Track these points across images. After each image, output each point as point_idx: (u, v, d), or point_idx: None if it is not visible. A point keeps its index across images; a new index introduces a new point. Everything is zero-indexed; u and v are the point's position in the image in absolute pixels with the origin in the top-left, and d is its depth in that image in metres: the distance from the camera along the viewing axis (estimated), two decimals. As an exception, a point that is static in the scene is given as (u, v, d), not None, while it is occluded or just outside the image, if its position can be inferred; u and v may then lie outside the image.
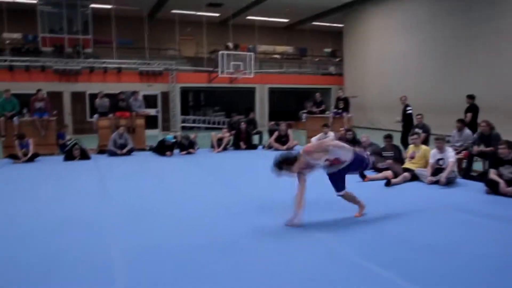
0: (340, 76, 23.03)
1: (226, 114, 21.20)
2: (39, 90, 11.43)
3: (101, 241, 4.10)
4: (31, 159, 9.66)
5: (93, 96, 17.24)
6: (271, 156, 4.74)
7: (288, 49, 25.49)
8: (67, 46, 18.75)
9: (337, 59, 25.25)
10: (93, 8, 19.28)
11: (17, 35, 19.78)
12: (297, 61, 24.97)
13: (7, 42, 19.07)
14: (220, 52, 18.73)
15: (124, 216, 5.05)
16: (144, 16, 21.11)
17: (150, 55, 20.44)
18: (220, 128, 18.69)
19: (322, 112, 13.29)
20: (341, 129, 10.62)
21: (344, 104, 12.72)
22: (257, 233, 4.29)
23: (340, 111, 12.59)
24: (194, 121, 20.40)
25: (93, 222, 4.79)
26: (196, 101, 23.70)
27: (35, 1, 18.50)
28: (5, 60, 17.20)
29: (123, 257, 3.67)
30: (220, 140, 11.45)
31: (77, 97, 18.24)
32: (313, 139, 10.41)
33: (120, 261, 3.59)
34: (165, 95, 19.63)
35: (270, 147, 11.52)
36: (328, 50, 26.47)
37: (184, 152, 10.65)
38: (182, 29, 21.82)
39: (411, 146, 7.42)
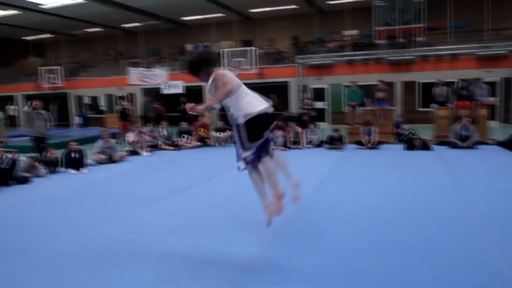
0: None
1: None
2: (380, 81, 11.95)
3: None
4: (375, 146, 10.19)
5: (425, 85, 16.93)
6: None
7: None
8: (400, 37, 19.04)
9: None
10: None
11: (354, 32, 21.66)
12: None
13: (346, 39, 21.10)
14: None
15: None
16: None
17: (490, 37, 18.19)
18: None
19: None
20: None
21: None
22: None
23: None
24: (542, 111, 16.96)
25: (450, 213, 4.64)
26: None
27: (371, -2, 19.62)
28: (345, 56, 19.09)
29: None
30: None
31: (408, 86, 18.28)
32: None
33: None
34: (508, 82, 17.04)
35: None
36: None
37: (546, 149, 8.80)
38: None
39: None
